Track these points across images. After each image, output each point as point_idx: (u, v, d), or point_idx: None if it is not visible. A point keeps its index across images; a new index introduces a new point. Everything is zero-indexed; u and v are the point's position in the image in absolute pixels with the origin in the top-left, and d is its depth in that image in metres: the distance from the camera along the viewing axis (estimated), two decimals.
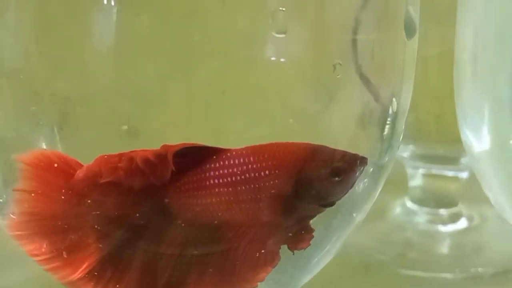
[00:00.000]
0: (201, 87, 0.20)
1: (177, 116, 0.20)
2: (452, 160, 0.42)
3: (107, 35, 0.19)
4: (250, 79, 0.20)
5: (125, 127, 0.20)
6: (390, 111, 0.21)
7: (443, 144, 0.42)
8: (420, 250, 0.42)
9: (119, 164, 0.19)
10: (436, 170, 0.43)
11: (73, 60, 0.20)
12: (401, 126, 0.23)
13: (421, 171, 0.43)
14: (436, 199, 0.44)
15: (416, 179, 0.44)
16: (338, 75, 0.19)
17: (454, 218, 0.44)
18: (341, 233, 0.24)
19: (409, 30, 0.21)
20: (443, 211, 0.44)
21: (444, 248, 0.43)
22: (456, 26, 0.28)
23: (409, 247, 0.42)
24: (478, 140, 0.27)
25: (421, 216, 0.44)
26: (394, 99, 0.21)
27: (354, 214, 0.23)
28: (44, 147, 0.20)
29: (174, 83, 0.20)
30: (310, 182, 0.20)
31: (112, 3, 0.19)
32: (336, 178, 0.20)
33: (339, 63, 0.19)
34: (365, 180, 0.22)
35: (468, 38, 0.26)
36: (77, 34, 0.19)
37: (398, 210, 0.45)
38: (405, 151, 0.43)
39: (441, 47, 0.39)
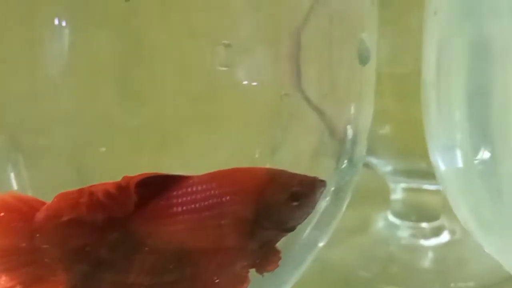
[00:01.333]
0: (160, 111, 0.20)
1: (136, 142, 0.21)
2: (433, 174, 0.43)
3: (59, 59, 0.19)
4: (204, 109, 0.21)
5: (103, 149, 0.21)
6: (346, 137, 0.23)
7: (424, 158, 0.43)
8: (403, 265, 0.43)
9: (80, 200, 0.19)
10: (417, 184, 0.44)
11: (23, 86, 0.20)
12: (361, 150, 0.24)
13: (402, 185, 0.44)
14: (418, 213, 0.45)
15: (398, 193, 0.45)
16: (288, 106, 0.20)
17: (437, 232, 0.45)
18: (304, 256, 0.25)
19: (363, 58, 0.22)
20: (425, 225, 0.45)
21: (427, 263, 0.44)
22: (423, 46, 0.29)
23: (391, 262, 0.43)
24: (444, 161, 0.28)
25: (404, 230, 0.45)
26: (349, 126, 0.22)
27: (317, 237, 0.25)
28: (12, 176, 0.21)
29: (132, 108, 0.20)
30: (269, 207, 0.20)
31: (64, 24, 0.19)
32: (295, 203, 0.21)
33: (286, 94, 0.20)
34: (327, 199, 0.23)
35: (432, 60, 0.27)
36: (27, 58, 0.19)
37: (380, 224, 0.46)
38: (386, 166, 0.44)
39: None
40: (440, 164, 0.28)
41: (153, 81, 0.20)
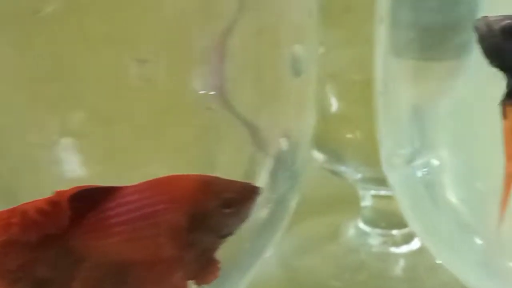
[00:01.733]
0: (79, 127, 0.20)
1: (56, 158, 0.21)
2: None
3: None
4: (121, 123, 0.21)
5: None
6: (282, 150, 0.23)
7: None
8: (374, 273, 0.43)
9: (11, 220, 0.19)
10: (387, 191, 0.44)
11: None
12: (302, 161, 0.24)
13: (372, 192, 0.45)
14: (388, 220, 0.45)
15: (367, 200, 0.45)
16: (214, 121, 0.21)
17: (407, 239, 0.45)
18: (248, 266, 0.25)
19: (296, 69, 0.22)
20: (396, 232, 0.45)
21: (398, 271, 0.44)
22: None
23: (362, 271, 0.44)
24: (392, 170, 0.28)
25: (374, 238, 0.45)
26: (284, 139, 0.23)
27: (261, 247, 0.25)
28: None
29: (49, 124, 0.20)
30: (203, 214, 0.21)
31: None
32: (228, 210, 0.21)
33: (209, 108, 0.20)
34: (269, 205, 0.24)
35: (380, 68, 0.28)
36: None
37: (351, 232, 0.47)
38: (355, 174, 0.44)
39: None
40: (389, 173, 0.29)
41: (71, 96, 0.20)
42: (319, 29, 0.25)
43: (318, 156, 0.44)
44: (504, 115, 0.22)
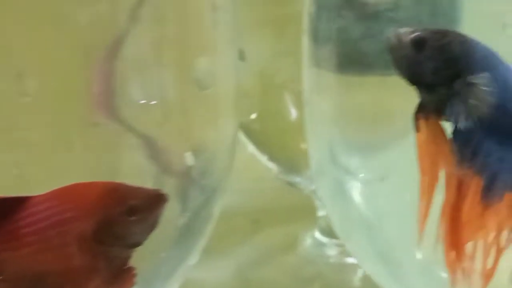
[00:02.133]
0: None
1: None
2: None
3: None
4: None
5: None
6: (189, 163, 0.23)
7: None
8: (331, 285, 0.44)
9: None
10: None
11: None
12: (216, 174, 0.25)
13: None
14: None
15: (324, 210, 0.46)
16: (104, 136, 0.21)
17: None
18: (171, 274, 0.25)
19: (202, 82, 0.23)
20: None
21: (356, 281, 0.45)
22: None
23: (320, 281, 0.44)
24: (320, 183, 0.29)
25: (332, 248, 0.46)
26: (190, 154, 0.23)
27: (182, 255, 0.25)
28: None
29: None
30: (107, 222, 0.21)
31: None
32: (133, 217, 0.21)
33: (96, 123, 0.21)
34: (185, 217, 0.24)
35: (305, 81, 0.28)
36: None
37: (308, 242, 0.47)
38: (311, 185, 0.45)
39: None
40: (318, 185, 0.29)
41: None
42: (237, 40, 0.25)
43: (273, 167, 0.45)
44: (417, 128, 0.22)
